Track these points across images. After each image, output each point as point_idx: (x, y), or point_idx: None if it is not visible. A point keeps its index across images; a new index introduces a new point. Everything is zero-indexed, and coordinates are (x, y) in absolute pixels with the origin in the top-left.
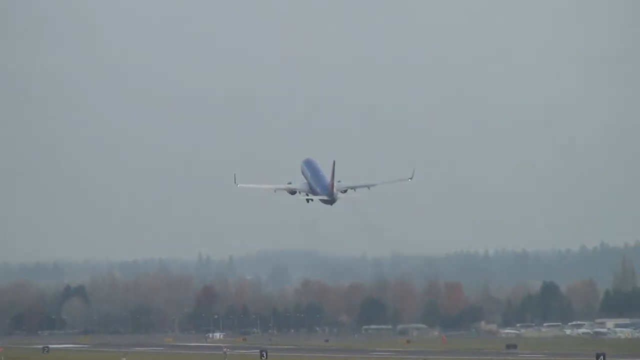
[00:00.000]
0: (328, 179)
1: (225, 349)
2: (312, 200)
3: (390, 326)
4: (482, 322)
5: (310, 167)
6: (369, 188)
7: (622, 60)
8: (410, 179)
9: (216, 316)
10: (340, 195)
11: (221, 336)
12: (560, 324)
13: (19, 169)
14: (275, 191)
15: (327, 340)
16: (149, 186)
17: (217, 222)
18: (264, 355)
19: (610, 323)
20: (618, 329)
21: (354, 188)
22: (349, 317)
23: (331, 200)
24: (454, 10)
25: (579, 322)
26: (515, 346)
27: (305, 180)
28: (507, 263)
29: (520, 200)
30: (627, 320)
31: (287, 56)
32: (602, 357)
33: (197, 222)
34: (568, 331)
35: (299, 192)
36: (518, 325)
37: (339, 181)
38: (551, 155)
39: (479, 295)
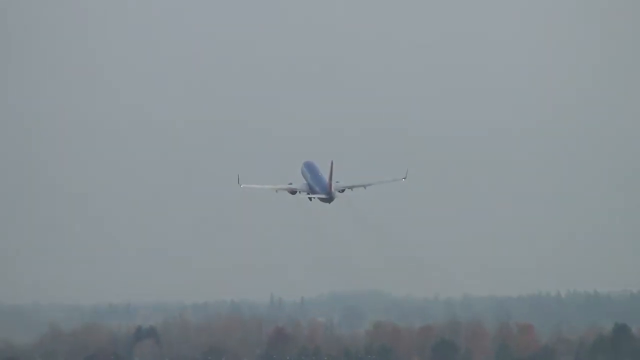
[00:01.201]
0: (327, 179)
1: None
2: (313, 198)
3: None
4: None
5: (310, 168)
6: (365, 188)
7: None
8: (404, 179)
9: (288, 358)
10: (337, 194)
11: None
12: None
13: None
14: (277, 191)
15: None
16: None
17: (288, 264)
18: None
19: None
20: None
21: (351, 188)
22: (421, 358)
23: (329, 199)
24: (452, 12)
25: None
26: None
27: (305, 181)
28: (579, 304)
29: (591, 241)
30: None
31: (286, 56)
32: None
33: (268, 264)
34: None
35: (299, 192)
36: None
37: (337, 181)
38: (622, 195)
39: (551, 337)
